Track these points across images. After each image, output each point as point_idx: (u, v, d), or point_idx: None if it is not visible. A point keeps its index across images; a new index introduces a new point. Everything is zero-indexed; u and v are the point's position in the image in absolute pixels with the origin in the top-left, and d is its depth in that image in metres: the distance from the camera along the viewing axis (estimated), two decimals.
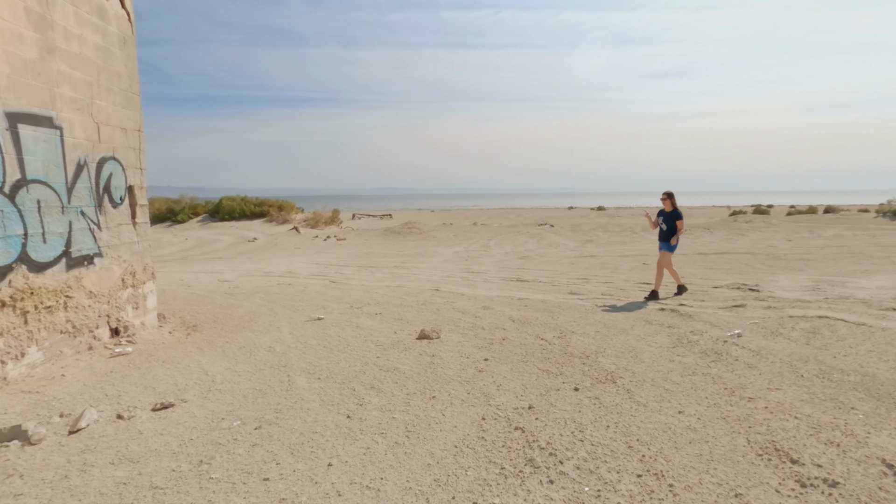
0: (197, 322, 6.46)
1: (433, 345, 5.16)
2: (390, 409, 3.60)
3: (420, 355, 4.83)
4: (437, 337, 5.39)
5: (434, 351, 4.95)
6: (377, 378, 4.23)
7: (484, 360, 4.68)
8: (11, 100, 4.04)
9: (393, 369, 4.44)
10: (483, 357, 4.77)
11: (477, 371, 4.40)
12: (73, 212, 4.78)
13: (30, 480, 2.73)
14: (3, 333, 3.92)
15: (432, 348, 5.04)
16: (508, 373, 4.34)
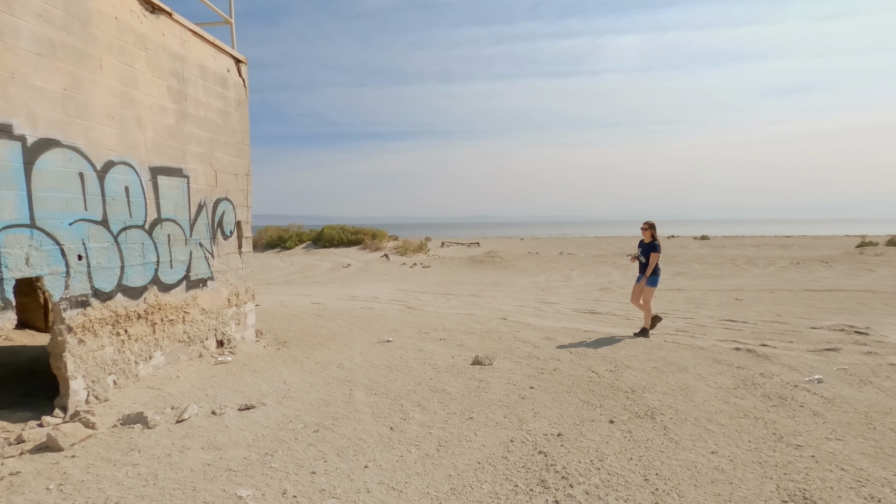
0: (287, 339, 7.39)
1: (484, 370, 5.47)
2: (429, 425, 3.98)
3: (469, 379, 5.17)
4: (490, 364, 5.69)
5: (483, 376, 5.26)
6: (425, 397, 4.65)
7: (529, 388, 4.89)
8: (154, 157, 5.21)
9: (441, 390, 4.83)
10: (529, 385, 4.99)
11: (519, 397, 4.63)
12: (194, 243, 5.90)
13: (144, 454, 3.53)
14: (138, 340, 4.98)
15: (483, 374, 5.36)
16: (549, 401, 4.52)
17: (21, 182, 3.76)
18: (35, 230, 3.87)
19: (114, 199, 4.67)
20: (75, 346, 4.23)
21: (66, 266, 4.15)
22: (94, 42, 4.43)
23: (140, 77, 5.00)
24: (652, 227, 7.32)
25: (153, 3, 5.17)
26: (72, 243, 4.20)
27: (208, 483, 3.14)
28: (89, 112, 4.38)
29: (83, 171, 4.32)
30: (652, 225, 7.35)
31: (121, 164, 4.75)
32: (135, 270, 4.93)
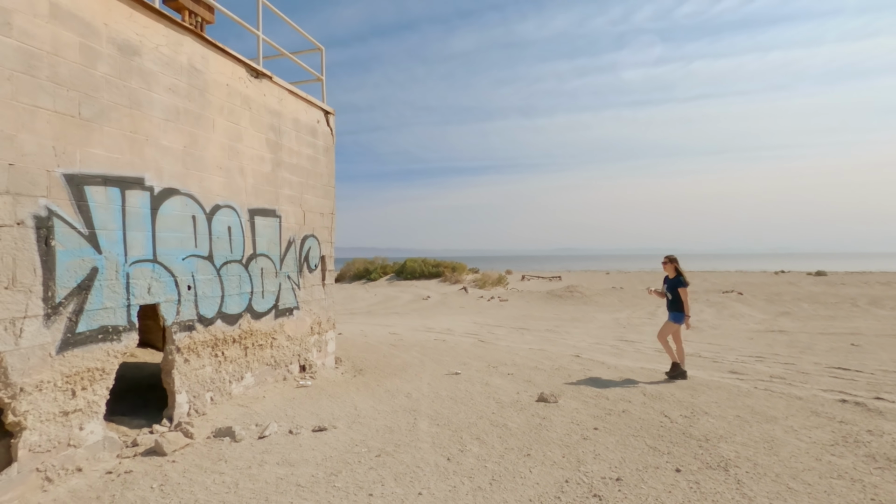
0: (363, 367, 7.81)
1: (548, 408, 5.40)
2: (485, 459, 4.04)
3: (532, 416, 5.13)
4: (556, 401, 5.60)
5: (547, 414, 5.20)
6: (485, 430, 4.70)
7: (593, 429, 4.76)
8: (253, 201, 5.97)
9: (502, 425, 4.86)
10: (593, 426, 4.85)
11: (581, 438, 4.53)
12: (283, 276, 6.56)
13: (230, 465, 3.97)
14: (232, 361, 5.61)
15: (546, 411, 5.29)
16: (613, 444, 4.37)
17: (148, 224, 4.54)
18: (156, 264, 4.62)
19: (218, 237, 5.41)
20: (182, 364, 4.89)
21: (178, 295, 4.87)
22: (209, 106, 5.28)
23: (244, 132, 5.82)
24: (673, 260, 7.12)
25: (257, 70, 6.04)
26: (183, 276, 4.93)
27: (279, 496, 3.46)
28: (203, 164, 5.19)
29: (195, 214, 5.09)
30: (672, 259, 7.15)
31: (225, 207, 5.51)
32: (232, 300, 5.61)
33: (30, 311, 3.53)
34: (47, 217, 3.66)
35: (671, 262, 7.10)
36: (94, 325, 4.00)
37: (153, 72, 4.60)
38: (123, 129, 4.30)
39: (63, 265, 3.76)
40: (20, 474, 3.45)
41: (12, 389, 3.40)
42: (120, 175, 4.26)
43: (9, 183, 3.42)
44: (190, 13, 5.47)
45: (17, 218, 3.47)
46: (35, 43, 3.61)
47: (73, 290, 3.84)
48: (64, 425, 3.76)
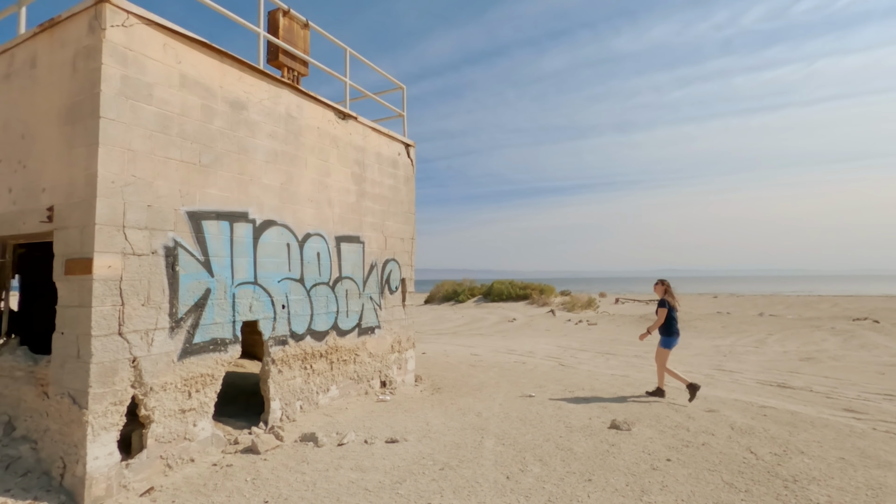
0: (442, 385, 8.11)
1: (620, 435, 5.25)
2: (545, 480, 4.08)
3: (600, 442, 5.03)
4: (629, 429, 5.42)
5: (617, 441, 5.07)
6: (549, 453, 4.72)
7: (665, 460, 4.56)
8: (339, 229, 6.63)
9: (567, 448, 4.83)
10: (666, 457, 4.64)
11: (650, 468, 4.37)
12: (365, 297, 7.13)
13: (310, 466, 4.43)
14: (319, 374, 6.20)
15: (617, 438, 5.15)
16: (684, 477, 4.17)
17: (251, 251, 5.29)
18: (256, 286, 5.35)
19: (308, 262, 6.09)
20: (276, 374, 5.54)
21: (274, 313, 5.56)
22: (302, 147, 6.03)
23: (332, 168, 6.52)
24: (661, 282, 7.52)
25: (344, 112, 6.77)
26: (278, 296, 5.63)
27: (349, 497, 3.82)
28: (296, 198, 5.92)
29: (289, 242, 5.81)
30: (662, 281, 7.55)
31: (315, 235, 6.20)
32: (320, 318, 6.24)
33: (159, 324, 4.32)
34: (174, 247, 4.48)
35: (661, 284, 7.54)
36: (206, 337, 4.74)
37: (257, 122, 5.41)
38: (233, 171, 5.11)
39: (184, 286, 4.55)
40: (148, 459, 4.19)
41: (145, 388, 4.17)
42: (229, 210, 5.05)
43: (147, 220, 4.27)
44: (288, 69, 6.34)
45: (152, 248, 4.30)
46: (168, 107, 4.49)
47: (192, 308, 4.61)
48: (181, 421, 4.49)
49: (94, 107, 3.99)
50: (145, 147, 4.28)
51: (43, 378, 4.17)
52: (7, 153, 4.74)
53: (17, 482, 3.83)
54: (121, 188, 4.07)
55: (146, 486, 4.04)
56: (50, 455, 4.00)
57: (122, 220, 4.08)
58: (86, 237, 3.94)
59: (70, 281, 4.01)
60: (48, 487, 3.82)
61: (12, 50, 4.78)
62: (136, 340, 4.13)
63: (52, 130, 4.32)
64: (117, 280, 4.01)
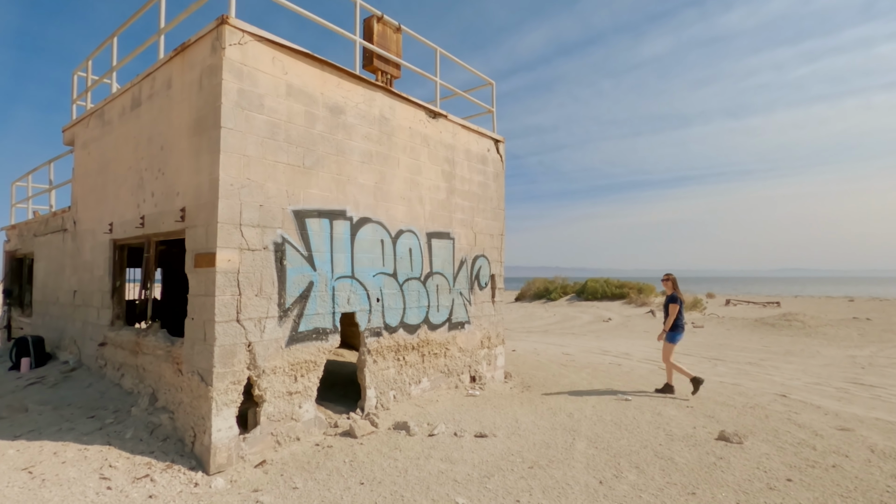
0: (531, 384, 8.00)
1: (729, 448, 4.79)
2: (641, 489, 3.85)
3: (706, 454, 4.63)
4: (739, 442, 4.93)
5: (725, 454, 4.63)
6: (646, 461, 4.44)
7: (785, 480, 4.08)
8: (430, 225, 6.79)
9: (667, 458, 4.51)
10: (786, 477, 4.15)
11: (766, 486, 3.94)
12: (455, 292, 7.24)
13: (402, 454, 4.61)
14: (412, 366, 6.42)
15: (725, 451, 4.71)
16: (807, 500, 3.69)
17: (348, 247, 5.61)
18: (353, 280, 5.67)
19: (401, 257, 6.32)
20: (371, 364, 5.84)
21: (370, 306, 5.85)
22: (395, 147, 6.27)
23: (423, 166, 6.70)
24: (669, 278, 7.46)
25: (434, 111, 6.92)
26: (373, 290, 5.91)
27: (438, 486, 3.91)
28: (389, 196, 6.17)
29: (383, 238, 6.07)
30: (669, 277, 7.48)
31: (407, 231, 6.42)
32: (412, 312, 6.45)
33: (269, 313, 4.75)
34: (281, 243, 4.89)
35: (668, 279, 7.50)
36: (309, 326, 5.13)
37: (353, 125, 5.72)
38: (332, 172, 5.46)
39: (290, 279, 4.96)
40: (261, 435, 4.63)
41: (258, 370, 4.62)
42: (329, 209, 5.40)
43: (259, 219, 4.71)
44: (381, 73, 6.62)
45: (263, 244, 4.73)
46: (276, 115, 4.91)
47: (297, 299, 5.01)
48: (289, 402, 4.90)
49: (216, 118, 4.48)
50: (257, 152, 4.73)
51: (178, 357, 4.79)
52: (150, 163, 5.50)
53: (159, 446, 4.45)
54: (238, 190, 4.54)
55: (259, 459, 4.47)
56: (183, 424, 4.58)
57: (240, 219, 4.54)
58: (210, 234, 4.44)
59: (198, 273, 4.55)
60: (182, 452, 4.39)
61: (153, 74, 5.53)
62: (251, 327, 4.58)
63: (184, 141, 4.93)
64: (235, 272, 4.48)
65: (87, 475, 3.89)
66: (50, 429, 4.76)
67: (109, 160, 6.48)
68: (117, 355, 5.99)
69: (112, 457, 4.20)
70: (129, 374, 5.70)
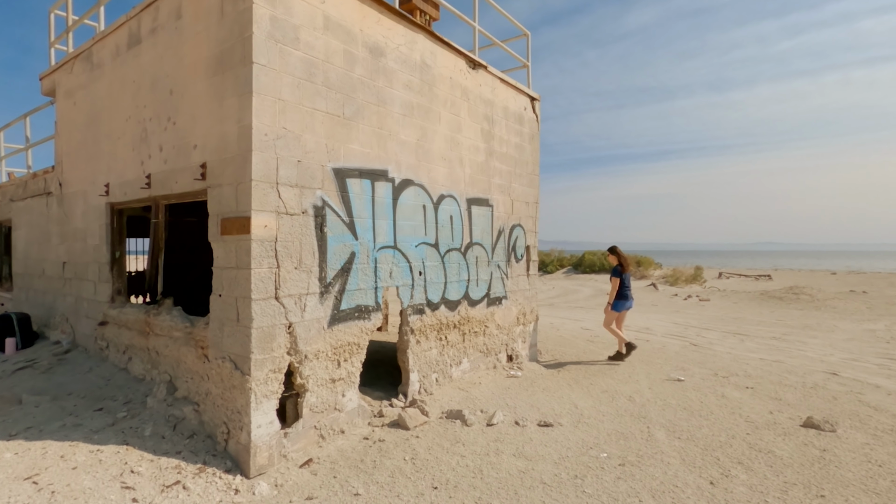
0: (564, 361, 7.50)
1: (824, 438, 4.34)
2: (762, 491, 3.35)
3: (804, 445, 4.17)
4: (832, 430, 4.49)
5: (826, 445, 4.18)
6: (745, 455, 3.96)
7: None
8: (469, 190, 6.08)
9: (766, 451, 4.04)
10: None
11: (893, 483, 3.48)
12: (493, 265, 6.60)
13: (467, 448, 4.03)
14: (453, 346, 5.81)
15: (822, 441, 4.26)
16: None
17: (390, 213, 4.89)
18: (396, 250, 4.97)
19: (442, 225, 5.62)
20: (414, 345, 5.21)
21: (412, 280, 5.18)
22: (436, 100, 5.49)
23: (462, 123, 5.94)
24: (612, 251, 7.88)
25: (475, 61, 6.11)
26: (416, 262, 5.23)
27: (528, 491, 3.35)
28: (430, 156, 5.42)
29: (425, 203, 5.36)
30: (611, 249, 7.90)
31: (448, 197, 5.70)
32: (453, 286, 5.81)
33: (310, 289, 4.04)
34: (322, 207, 4.15)
35: (611, 252, 7.89)
36: (352, 303, 4.45)
37: (394, 70, 4.92)
38: (372, 125, 4.68)
39: (332, 249, 4.24)
40: (304, 429, 3.99)
41: (299, 356, 3.94)
42: (370, 168, 4.65)
43: (298, 177, 3.95)
44: (420, 12, 5.76)
45: (302, 207, 3.99)
46: (314, 53, 4.09)
47: (338, 272, 4.31)
48: (332, 391, 4.26)
49: (246, 51, 3.65)
50: (293, 97, 3.92)
51: (202, 340, 4.08)
52: (156, 111, 4.64)
53: (186, 444, 3.78)
54: (273, 142, 3.76)
55: (303, 457, 3.85)
56: (212, 418, 3.91)
57: (276, 177, 3.78)
58: (241, 195, 3.68)
59: (226, 241, 3.80)
60: (213, 451, 3.73)
61: (156, 3, 4.61)
62: (291, 305, 3.88)
63: (201, 83, 4.09)
64: (272, 241, 3.75)
65: (105, 484, 3.22)
66: (51, 425, 4.04)
67: (102, 110, 5.55)
68: (122, 336, 5.23)
69: (133, 459, 3.52)
70: (139, 358, 4.97)
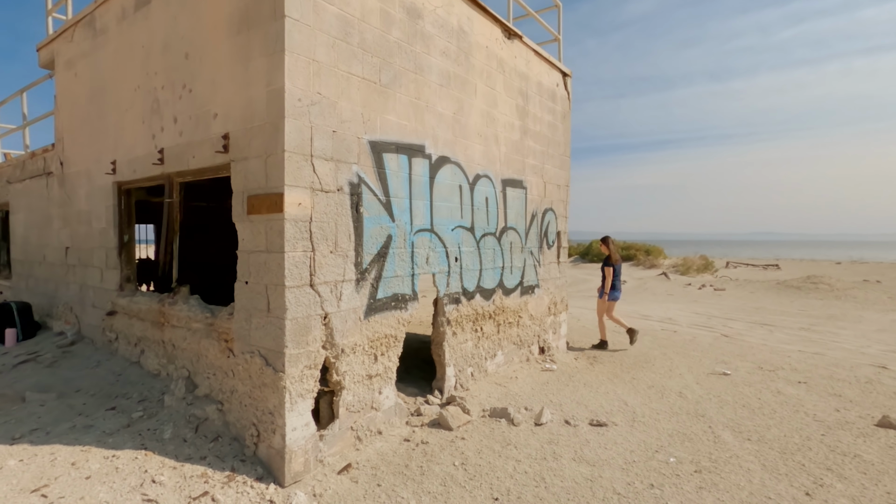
0: (594, 353, 7.12)
1: None
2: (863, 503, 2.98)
3: (890, 448, 3.80)
4: None
5: None
6: (830, 460, 3.58)
7: None
8: (504, 170, 5.64)
9: (851, 455, 3.66)
10: None
11: None
12: (527, 251, 6.18)
13: (520, 450, 3.64)
14: (488, 337, 5.42)
15: None
16: None
17: (427, 193, 4.46)
18: (433, 234, 4.54)
19: (478, 208, 5.19)
20: (450, 337, 4.80)
21: (448, 266, 4.76)
22: (472, 70, 5.02)
23: (498, 98, 5.48)
24: (604, 241, 7.74)
25: (510, 30, 5.63)
26: (452, 247, 4.81)
27: (600, 503, 2.97)
28: (466, 132, 4.97)
29: (461, 183, 4.92)
30: (604, 239, 7.73)
31: (484, 177, 5.26)
32: (488, 274, 5.39)
33: (346, 276, 3.62)
34: (357, 184, 3.72)
35: (603, 242, 7.73)
36: (388, 292, 4.03)
37: (431, 35, 4.45)
38: (410, 95, 4.23)
39: (368, 232, 3.81)
40: (340, 431, 3.60)
41: (336, 350, 3.53)
42: (407, 143, 4.20)
43: (333, 150, 3.50)
44: None
45: (338, 184, 3.55)
46: (349, 10, 3.62)
47: (375, 257, 3.88)
48: (368, 388, 3.86)
49: (277, 5, 3.19)
50: (328, 58, 3.47)
51: (225, 333, 3.66)
52: (170, 78, 4.17)
53: (210, 448, 3.38)
54: (307, 108, 3.31)
55: (341, 462, 3.46)
56: (239, 419, 3.51)
57: (310, 148, 3.33)
58: (272, 168, 3.24)
59: (253, 222, 3.37)
60: (241, 456, 3.34)
61: None
62: (326, 294, 3.46)
63: (222, 44, 3.63)
64: (307, 221, 3.31)
65: (124, 497, 2.82)
66: (59, 426, 3.63)
67: (107, 81, 5.07)
68: (133, 327, 4.81)
69: (153, 467, 3.12)
70: (153, 351, 4.55)
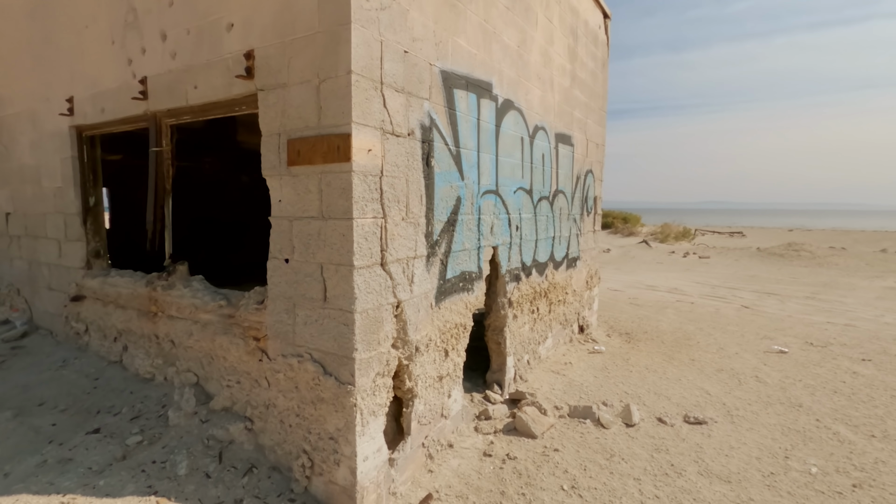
0: (626, 330, 6.55)
1: None
2: None
3: None
4: None
5: None
6: None
7: None
8: (557, 123, 4.78)
9: None
10: None
11: None
12: (572, 219, 5.41)
13: (629, 463, 2.96)
14: (541, 319, 4.67)
15: None
16: None
17: (493, 145, 3.56)
18: (497, 197, 3.67)
19: (535, 167, 4.34)
20: (511, 321, 4.01)
21: (510, 236, 3.92)
22: None
23: (554, 34, 4.56)
24: None
25: None
26: (514, 213, 3.96)
27: None
28: (528, 72, 4.05)
29: (522, 135, 4.03)
30: None
31: (541, 129, 4.39)
32: (542, 245, 4.60)
33: (418, 251, 2.73)
34: (429, 127, 2.78)
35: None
36: (457, 270, 3.17)
37: None
38: (479, 15, 3.26)
39: (439, 192, 2.91)
40: (412, 450, 2.78)
41: (409, 349, 2.67)
42: (477, 78, 3.26)
43: (405, 77, 2.54)
44: None
45: (409, 126, 2.61)
46: None
47: (444, 226, 3.00)
48: (439, 392, 3.04)
49: None
50: None
51: (254, 328, 2.71)
52: None
53: (245, 485, 2.49)
54: (376, 13, 2.32)
55: (416, 491, 2.67)
56: (279, 443, 2.62)
57: (380, 73, 2.36)
58: (329, 98, 2.26)
59: (297, 177, 2.40)
60: (290, 494, 2.47)
61: None
62: (398, 275, 2.57)
63: None
64: (377, 175, 2.38)
65: None
66: (23, 463, 2.61)
67: None
68: (111, 317, 3.72)
69: None
70: (141, 349, 3.51)
